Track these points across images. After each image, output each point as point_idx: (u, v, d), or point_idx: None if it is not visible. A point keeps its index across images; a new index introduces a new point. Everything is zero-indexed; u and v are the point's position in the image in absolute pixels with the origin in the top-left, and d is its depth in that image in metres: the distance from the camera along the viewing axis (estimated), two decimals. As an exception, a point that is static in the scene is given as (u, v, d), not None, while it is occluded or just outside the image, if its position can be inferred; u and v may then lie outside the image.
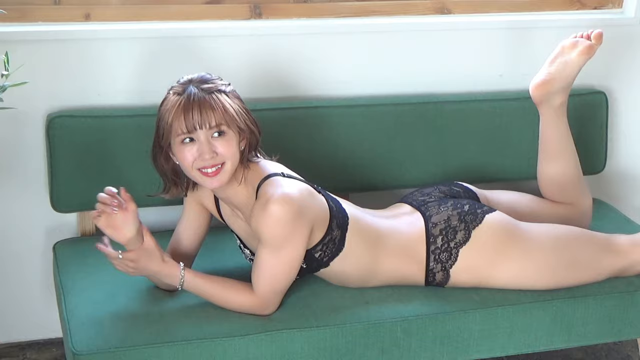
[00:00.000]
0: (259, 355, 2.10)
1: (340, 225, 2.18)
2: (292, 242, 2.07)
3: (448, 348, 2.25)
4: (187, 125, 2.01)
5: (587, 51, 2.45)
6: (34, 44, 2.38)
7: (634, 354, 2.77)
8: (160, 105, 2.08)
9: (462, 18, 2.75)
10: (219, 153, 2.03)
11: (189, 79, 2.07)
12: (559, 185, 2.57)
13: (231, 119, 2.04)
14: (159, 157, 2.12)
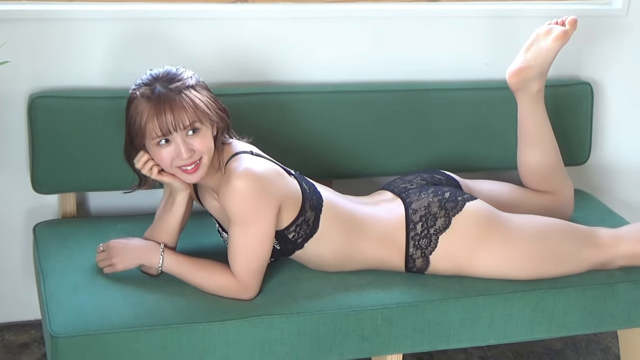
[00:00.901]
0: (238, 340, 2.11)
1: (314, 207, 2.19)
2: (259, 217, 2.09)
3: (428, 336, 2.26)
4: (162, 128, 2.02)
5: (562, 37, 2.48)
6: (16, 23, 2.37)
7: (613, 345, 2.79)
8: (128, 106, 2.08)
9: (450, 6, 2.75)
10: (195, 150, 2.06)
11: (154, 77, 2.07)
12: (539, 173, 2.58)
13: (203, 114, 2.06)
14: (133, 155, 2.13)
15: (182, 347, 2.07)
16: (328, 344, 2.18)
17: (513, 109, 2.67)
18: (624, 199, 3.09)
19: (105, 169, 2.46)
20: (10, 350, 2.59)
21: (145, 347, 2.04)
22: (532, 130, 2.56)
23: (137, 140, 2.06)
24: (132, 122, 2.06)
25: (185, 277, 2.14)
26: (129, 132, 2.09)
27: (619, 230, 2.43)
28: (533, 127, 2.56)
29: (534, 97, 2.54)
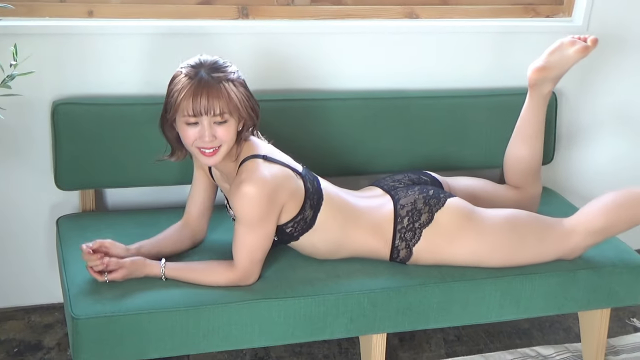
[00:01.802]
0: (240, 321, 2.10)
1: (314, 206, 2.18)
2: (264, 219, 2.08)
3: (409, 318, 2.26)
4: (194, 109, 2.00)
5: (583, 50, 2.44)
6: (41, 38, 2.36)
7: (574, 325, 2.79)
8: (170, 82, 2.06)
9: (429, 22, 2.74)
10: (217, 137, 2.04)
11: (202, 62, 2.05)
12: (524, 168, 2.57)
13: (234, 107, 2.04)
14: (165, 126, 2.12)
15: (188, 328, 2.07)
16: (320, 325, 2.18)
17: (485, 114, 2.68)
18: (584, 195, 3.07)
19: (121, 168, 2.45)
20: (36, 330, 2.58)
21: (155, 328, 2.04)
22: (532, 126, 2.55)
23: (170, 113, 2.05)
24: (170, 96, 2.04)
25: (188, 280, 2.12)
26: (166, 104, 2.07)
27: (576, 215, 2.40)
28: (533, 123, 2.55)
29: (544, 96, 2.53)
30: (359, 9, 2.68)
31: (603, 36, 2.87)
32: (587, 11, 2.84)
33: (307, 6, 2.62)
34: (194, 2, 2.53)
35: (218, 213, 2.38)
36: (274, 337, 2.16)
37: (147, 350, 2.07)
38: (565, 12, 2.89)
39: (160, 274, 2.10)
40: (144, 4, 2.48)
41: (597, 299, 2.42)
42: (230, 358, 2.54)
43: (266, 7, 2.59)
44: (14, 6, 2.21)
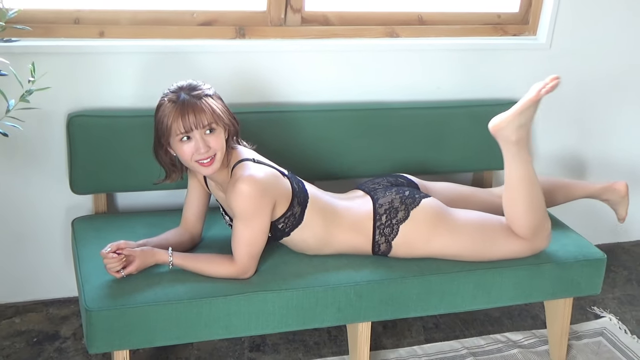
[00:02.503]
0: (238, 312, 2.10)
1: (301, 203, 2.19)
2: (259, 214, 2.09)
3: (391, 308, 2.26)
4: (185, 126, 2.02)
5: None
6: (56, 56, 2.36)
7: (541, 313, 2.79)
8: (156, 111, 2.08)
9: (408, 41, 2.75)
10: (211, 147, 2.05)
11: (179, 87, 2.07)
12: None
13: (218, 117, 2.06)
14: (160, 152, 2.13)
15: (192, 318, 2.06)
16: (311, 314, 2.18)
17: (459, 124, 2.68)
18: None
19: (131, 174, 2.45)
20: (53, 322, 2.57)
21: (162, 318, 2.04)
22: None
23: (164, 138, 2.06)
24: (160, 123, 2.05)
25: (193, 269, 2.12)
26: (157, 132, 2.08)
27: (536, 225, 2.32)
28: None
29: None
30: (345, 29, 2.68)
31: (565, 51, 2.90)
32: (550, 30, 2.86)
33: (298, 27, 2.63)
34: (196, 24, 2.53)
35: (214, 214, 2.39)
36: (269, 326, 2.16)
37: (154, 339, 2.07)
38: (531, 31, 2.91)
39: (168, 261, 2.10)
40: (151, 25, 2.48)
41: (560, 290, 2.43)
42: (230, 345, 2.53)
43: (261, 27, 2.59)
44: (32, 28, 2.21)
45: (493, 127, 2.26)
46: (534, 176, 2.29)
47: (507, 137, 2.24)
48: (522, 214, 2.29)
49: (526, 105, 2.21)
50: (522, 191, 2.28)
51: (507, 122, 2.23)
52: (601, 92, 3.04)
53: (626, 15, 2.94)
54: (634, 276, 3.15)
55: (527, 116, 2.23)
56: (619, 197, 2.58)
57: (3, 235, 2.54)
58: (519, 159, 2.26)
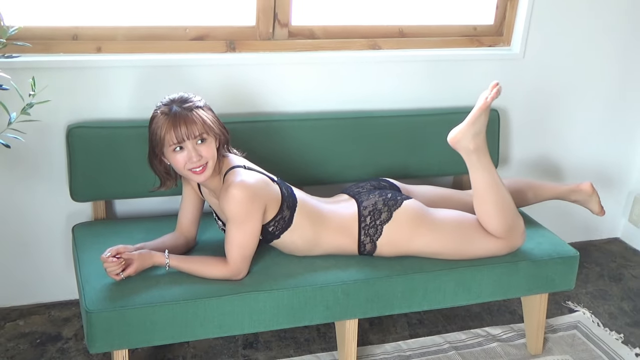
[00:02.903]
0: (232, 311, 2.10)
1: (290, 207, 2.18)
2: (250, 217, 2.08)
3: (377, 305, 2.26)
4: (177, 137, 2.02)
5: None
6: (56, 71, 2.35)
7: (518, 308, 2.80)
8: (150, 123, 2.08)
9: (389, 53, 2.75)
10: (203, 156, 2.05)
11: (171, 100, 2.07)
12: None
13: (209, 127, 2.06)
14: (154, 162, 2.12)
15: (187, 318, 2.06)
16: (300, 313, 2.18)
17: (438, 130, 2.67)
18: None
19: (128, 182, 2.44)
20: (55, 323, 2.56)
21: (159, 319, 2.03)
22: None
23: (158, 148, 2.06)
24: (154, 135, 2.05)
25: (188, 271, 2.11)
26: (151, 143, 2.08)
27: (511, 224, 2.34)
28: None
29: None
30: (330, 42, 2.68)
31: (538, 61, 2.92)
32: (524, 41, 2.87)
33: (285, 40, 2.63)
34: (188, 38, 2.53)
35: (208, 219, 2.38)
36: (261, 324, 2.15)
37: (152, 339, 2.06)
38: (505, 42, 2.92)
39: (165, 263, 2.09)
40: (146, 40, 2.48)
41: (536, 286, 2.43)
42: (225, 343, 2.53)
43: (250, 41, 2.59)
44: (32, 44, 2.20)
45: (451, 140, 2.28)
46: (497, 179, 2.30)
47: (466, 147, 2.26)
48: (493, 217, 2.30)
49: (477, 113, 2.23)
50: (490, 195, 2.29)
51: (463, 132, 2.25)
52: (571, 99, 3.06)
53: (594, 28, 2.96)
54: (605, 272, 3.16)
55: (480, 124, 2.25)
56: (586, 196, 2.59)
57: (7, 241, 2.53)
58: (481, 165, 2.28)
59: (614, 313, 2.87)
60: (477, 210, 2.33)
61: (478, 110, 2.23)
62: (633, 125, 3.22)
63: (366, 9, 2.73)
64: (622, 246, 3.38)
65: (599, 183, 3.27)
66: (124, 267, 2.04)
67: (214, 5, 2.54)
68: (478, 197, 2.31)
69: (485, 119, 2.26)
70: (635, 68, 3.10)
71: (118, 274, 2.04)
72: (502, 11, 2.88)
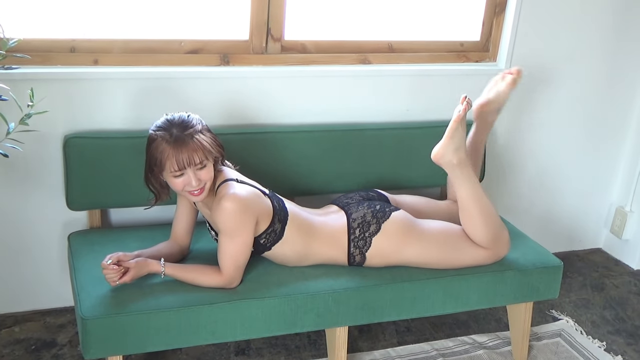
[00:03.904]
0: (224, 319, 2.09)
1: (281, 220, 2.19)
2: (242, 229, 2.08)
3: (367, 313, 2.26)
4: (178, 165, 2.01)
5: (512, 82, 2.46)
6: (54, 82, 2.35)
7: (504, 316, 2.81)
8: (149, 145, 2.05)
9: (379, 67, 2.77)
10: (202, 179, 2.06)
11: (171, 123, 2.04)
12: None
13: (209, 152, 2.05)
14: (151, 179, 2.11)
15: (181, 325, 2.05)
16: (292, 320, 2.18)
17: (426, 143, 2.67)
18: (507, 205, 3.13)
19: (123, 191, 2.43)
20: (50, 330, 2.54)
21: (153, 326, 2.03)
22: (476, 151, 2.54)
23: (157, 171, 2.05)
24: (153, 158, 2.03)
25: (182, 281, 2.11)
26: (150, 165, 2.06)
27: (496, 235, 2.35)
28: (474, 149, 2.54)
29: (489, 125, 2.53)
30: (321, 56, 2.70)
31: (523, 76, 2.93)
32: (509, 57, 2.90)
33: (278, 54, 2.64)
34: (183, 52, 2.53)
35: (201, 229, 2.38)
36: (253, 331, 2.15)
37: (146, 345, 2.05)
38: (491, 57, 2.94)
39: (161, 271, 2.08)
40: (141, 53, 2.48)
41: (521, 295, 2.44)
42: (217, 350, 2.52)
43: (244, 55, 2.60)
44: (31, 56, 2.20)
45: (434, 156, 2.28)
46: (481, 191, 2.31)
47: (449, 162, 2.27)
48: (478, 227, 2.31)
49: (453, 127, 2.24)
50: (474, 207, 2.30)
51: (444, 148, 2.26)
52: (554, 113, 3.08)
53: (577, 44, 2.99)
54: (588, 281, 3.18)
55: (459, 138, 2.25)
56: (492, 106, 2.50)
57: (3, 249, 2.51)
58: (464, 178, 2.29)
59: (596, 321, 2.88)
60: (462, 221, 2.34)
61: (453, 124, 2.24)
62: (615, 138, 3.25)
63: (356, 24, 2.75)
64: (604, 256, 3.40)
65: (581, 194, 3.29)
66: (121, 275, 2.04)
67: (208, 20, 2.55)
68: (463, 209, 2.32)
69: (463, 132, 2.27)
70: (618, 83, 3.14)
71: (115, 281, 2.04)
72: (488, 28, 2.91)
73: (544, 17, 2.89)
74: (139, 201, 2.43)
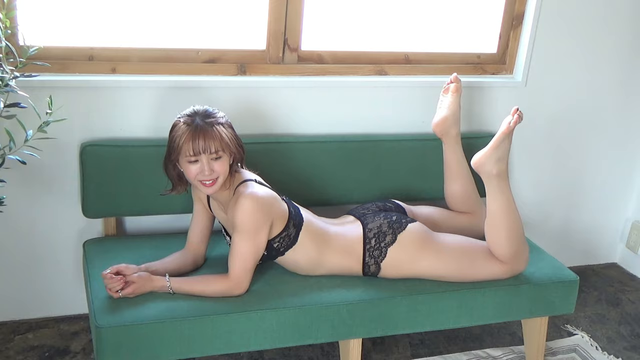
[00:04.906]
0: (238, 329, 2.08)
1: (296, 225, 2.18)
2: (257, 229, 2.08)
3: (381, 325, 2.24)
4: (194, 149, 2.02)
5: (456, 90, 2.53)
6: (72, 90, 2.35)
7: (518, 330, 2.78)
8: (171, 129, 2.09)
9: (395, 78, 2.76)
10: (215, 170, 2.06)
11: (195, 111, 2.08)
12: (460, 199, 2.57)
13: (226, 145, 2.06)
14: (169, 166, 2.13)
15: (195, 335, 2.04)
16: (306, 331, 2.16)
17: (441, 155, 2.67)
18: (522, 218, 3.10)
19: (139, 199, 2.43)
20: (64, 337, 2.54)
21: (167, 335, 2.02)
22: (454, 167, 2.56)
23: (174, 155, 2.07)
24: (173, 141, 2.06)
25: (190, 293, 2.10)
26: (169, 148, 2.09)
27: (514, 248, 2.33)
28: (454, 164, 2.56)
29: (454, 140, 2.55)
30: (338, 67, 2.69)
31: (539, 89, 2.93)
32: (525, 70, 2.88)
33: (295, 64, 2.64)
34: (200, 61, 2.53)
35: (217, 237, 2.37)
36: (267, 341, 2.13)
37: (160, 354, 2.04)
38: (508, 70, 2.93)
39: (167, 287, 2.07)
40: (159, 62, 2.48)
41: (537, 309, 2.42)
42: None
43: (261, 65, 2.59)
44: (50, 64, 2.20)
45: (475, 163, 2.28)
46: (513, 206, 2.29)
47: (489, 171, 2.25)
48: (502, 241, 2.28)
49: (500, 138, 2.23)
50: (503, 220, 2.28)
51: (486, 157, 2.25)
52: (571, 127, 3.06)
53: (595, 56, 2.97)
54: (603, 296, 3.14)
55: (503, 149, 2.24)
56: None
57: (18, 256, 2.52)
58: (500, 190, 2.27)
59: (612, 337, 2.84)
60: (487, 232, 2.32)
61: (501, 135, 2.23)
62: (632, 152, 3.22)
63: (373, 35, 2.74)
64: (619, 271, 3.37)
65: (597, 209, 3.26)
66: (122, 286, 2.02)
67: (225, 30, 2.55)
68: (491, 220, 2.30)
69: (508, 144, 2.25)
70: (636, 95, 3.11)
71: (117, 291, 2.02)
72: (505, 40, 2.89)
73: (561, 30, 2.88)
74: (155, 209, 2.43)
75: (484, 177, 2.28)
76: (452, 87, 2.54)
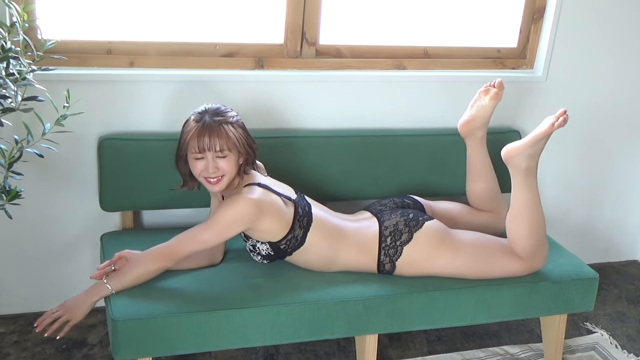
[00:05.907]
0: (254, 323, 2.08)
1: (303, 226, 2.17)
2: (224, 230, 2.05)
3: (397, 321, 2.23)
4: (199, 146, 2.03)
5: (495, 97, 2.46)
6: (89, 84, 2.35)
7: (536, 327, 2.75)
8: (183, 125, 2.11)
9: (414, 73, 2.73)
10: (219, 168, 2.06)
11: (206, 109, 2.09)
12: (482, 198, 2.54)
13: (232, 144, 2.06)
14: (179, 162, 2.14)
15: (210, 329, 2.04)
16: (322, 326, 2.15)
17: (461, 149, 2.65)
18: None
19: (156, 193, 2.43)
20: (81, 330, 2.55)
21: (183, 329, 2.02)
22: (478, 167, 2.53)
23: (182, 150, 2.09)
24: (182, 136, 2.09)
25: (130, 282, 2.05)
26: (179, 144, 2.11)
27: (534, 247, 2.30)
28: (479, 164, 2.53)
29: (479, 141, 2.51)
30: (356, 61, 2.67)
31: (560, 84, 2.89)
32: (546, 64, 2.84)
33: (313, 59, 2.62)
34: (218, 55, 2.53)
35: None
36: (282, 336, 2.13)
37: (176, 347, 2.04)
38: (528, 64, 2.89)
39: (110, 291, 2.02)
40: (177, 56, 2.48)
41: (556, 306, 2.39)
42: (246, 354, 2.50)
43: (278, 59, 2.58)
44: (67, 57, 2.21)
45: (505, 153, 2.24)
46: (538, 202, 2.26)
47: (518, 165, 2.22)
48: (523, 236, 2.26)
49: (539, 137, 2.18)
50: (526, 216, 2.25)
51: (519, 150, 2.21)
52: (592, 122, 3.02)
53: (614, 52, 2.92)
54: (623, 294, 3.10)
55: (538, 147, 2.20)
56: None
57: (38, 248, 2.53)
58: (526, 185, 2.23)
59: (632, 335, 2.81)
60: (509, 225, 2.29)
61: (541, 134, 2.17)
62: (654, 149, 3.17)
63: (392, 29, 2.72)
64: (640, 269, 3.33)
65: (617, 205, 3.21)
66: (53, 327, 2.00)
67: (243, 23, 2.54)
68: (514, 215, 2.27)
69: (544, 144, 2.20)
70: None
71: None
72: (526, 35, 2.85)
73: (584, 23, 2.83)
74: (172, 203, 2.43)
75: (512, 170, 2.24)
76: (493, 92, 2.44)
